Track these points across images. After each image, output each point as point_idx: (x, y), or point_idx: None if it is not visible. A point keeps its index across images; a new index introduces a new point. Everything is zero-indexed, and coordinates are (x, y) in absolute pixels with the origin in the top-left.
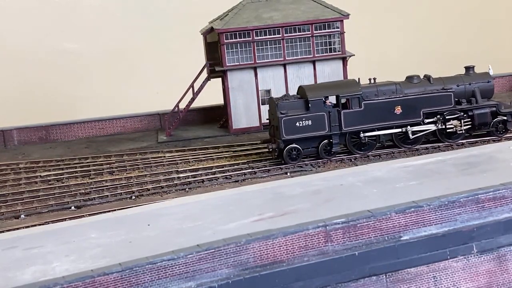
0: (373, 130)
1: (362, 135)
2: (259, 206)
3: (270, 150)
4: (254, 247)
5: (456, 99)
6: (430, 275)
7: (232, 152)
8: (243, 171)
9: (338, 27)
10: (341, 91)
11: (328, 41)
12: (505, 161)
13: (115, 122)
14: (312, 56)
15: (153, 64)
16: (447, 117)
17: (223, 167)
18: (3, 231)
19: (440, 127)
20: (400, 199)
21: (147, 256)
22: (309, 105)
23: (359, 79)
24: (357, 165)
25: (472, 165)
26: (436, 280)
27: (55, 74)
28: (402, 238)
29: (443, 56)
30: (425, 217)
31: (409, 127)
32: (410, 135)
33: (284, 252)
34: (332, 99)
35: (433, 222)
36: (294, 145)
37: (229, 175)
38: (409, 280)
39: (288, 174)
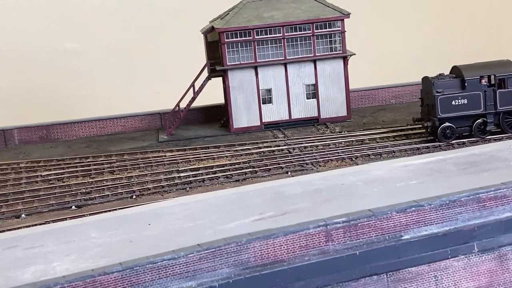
0: None
1: None
2: (260, 205)
3: (426, 128)
4: (254, 246)
5: None
6: (431, 274)
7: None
8: (244, 171)
9: (339, 26)
10: (497, 71)
11: (329, 40)
12: (506, 160)
13: (115, 121)
14: (313, 55)
15: (153, 64)
16: None
17: (223, 166)
18: (3, 231)
19: None
20: (401, 199)
21: (148, 256)
22: (465, 84)
23: None
24: (357, 164)
25: (473, 164)
26: (437, 280)
27: (56, 74)
28: (403, 238)
29: (443, 55)
30: (426, 217)
31: None
32: None
33: (284, 252)
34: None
35: (434, 222)
36: (447, 123)
37: (230, 174)
38: (410, 279)
39: (289, 173)
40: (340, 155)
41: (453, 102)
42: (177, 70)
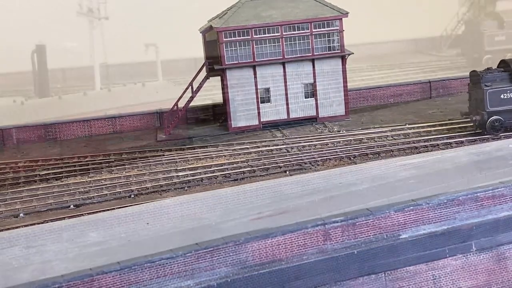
0: None
1: None
2: (258, 204)
3: (474, 121)
4: (253, 245)
5: None
6: (429, 273)
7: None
8: (242, 170)
9: (337, 25)
10: None
11: (327, 40)
12: (504, 159)
13: (114, 120)
14: (311, 54)
15: (152, 63)
16: None
17: (222, 166)
18: (2, 230)
19: None
20: (399, 198)
21: (146, 255)
22: None
23: None
24: (356, 163)
25: (472, 163)
26: (435, 279)
27: (55, 74)
28: (401, 237)
29: (442, 55)
30: (424, 215)
31: None
32: None
33: (283, 251)
34: None
35: (432, 220)
36: (496, 116)
37: (228, 173)
38: (408, 278)
39: (287, 172)
40: (339, 154)
41: (502, 96)
42: (176, 69)
